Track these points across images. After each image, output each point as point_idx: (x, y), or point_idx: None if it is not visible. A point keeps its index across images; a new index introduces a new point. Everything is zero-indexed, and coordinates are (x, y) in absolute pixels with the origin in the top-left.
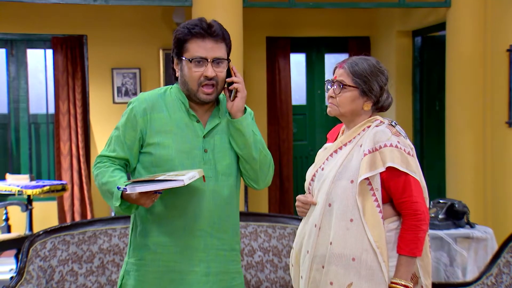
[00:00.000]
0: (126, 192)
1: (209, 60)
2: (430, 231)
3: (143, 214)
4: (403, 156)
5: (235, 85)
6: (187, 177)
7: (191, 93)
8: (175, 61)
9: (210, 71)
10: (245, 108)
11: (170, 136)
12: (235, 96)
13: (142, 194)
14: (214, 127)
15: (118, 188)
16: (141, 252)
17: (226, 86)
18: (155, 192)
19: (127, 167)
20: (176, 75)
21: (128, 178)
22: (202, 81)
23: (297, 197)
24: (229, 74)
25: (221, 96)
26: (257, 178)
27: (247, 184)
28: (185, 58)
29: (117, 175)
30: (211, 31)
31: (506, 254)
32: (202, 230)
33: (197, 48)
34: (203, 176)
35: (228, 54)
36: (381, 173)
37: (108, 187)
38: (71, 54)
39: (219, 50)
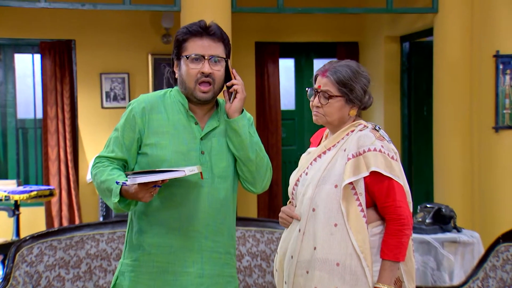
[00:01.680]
0: (127, 184)
1: (206, 57)
2: (418, 236)
3: (138, 215)
4: (387, 161)
5: (235, 86)
6: (187, 169)
7: (189, 92)
8: (175, 63)
9: (206, 67)
10: (243, 110)
11: (167, 137)
12: (234, 98)
13: (141, 187)
14: (212, 130)
15: (117, 182)
16: (136, 253)
17: (226, 88)
18: (154, 186)
19: (126, 168)
20: (176, 76)
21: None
22: (199, 78)
23: (282, 209)
24: (229, 77)
25: (221, 100)
26: (254, 180)
27: (245, 188)
28: (183, 56)
29: (116, 173)
30: (209, 30)
31: (492, 258)
32: (197, 231)
33: (195, 46)
34: (201, 173)
35: (227, 56)
36: (364, 178)
37: (107, 185)
38: (59, 59)
39: (216, 49)
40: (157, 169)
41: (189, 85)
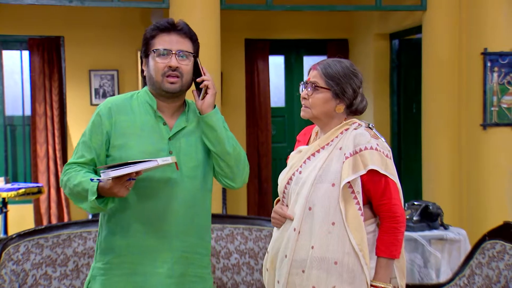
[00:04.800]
0: (100, 180)
1: (173, 51)
2: (405, 233)
3: (108, 218)
4: (383, 159)
5: (205, 82)
6: (160, 159)
7: (157, 86)
8: (144, 61)
9: (173, 61)
10: (215, 106)
11: (134, 138)
12: (205, 94)
13: (115, 181)
14: (180, 130)
15: (92, 179)
16: (107, 256)
17: (195, 86)
18: (129, 179)
19: (97, 173)
20: (144, 74)
21: None
22: (166, 71)
23: (274, 209)
24: (198, 73)
25: (190, 101)
26: (233, 175)
27: (224, 184)
28: (151, 51)
29: (89, 175)
30: (176, 25)
31: (479, 255)
32: (166, 231)
33: (162, 41)
34: (176, 163)
35: (196, 53)
36: (361, 176)
37: (82, 186)
38: (48, 55)
39: (184, 44)
40: (130, 161)
41: (156, 79)
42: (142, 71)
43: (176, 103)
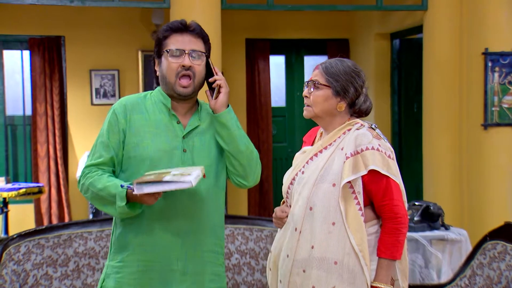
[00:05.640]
0: (134, 192)
1: (186, 51)
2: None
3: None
4: (384, 159)
5: (217, 82)
6: (194, 178)
7: (169, 87)
8: (156, 61)
9: (186, 60)
10: (228, 105)
11: (149, 137)
12: (218, 93)
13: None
14: (194, 129)
15: (122, 186)
16: (122, 254)
17: (208, 86)
18: None
19: (115, 173)
20: (157, 74)
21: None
22: (179, 71)
23: (275, 209)
24: (211, 73)
25: (202, 101)
26: (245, 173)
27: (236, 183)
28: (164, 51)
29: (114, 179)
30: (188, 26)
31: (480, 256)
32: (180, 229)
33: (175, 42)
34: (204, 173)
35: (208, 54)
36: (362, 176)
37: (108, 191)
38: (49, 55)
39: (196, 44)
40: (162, 177)
41: (169, 79)
42: (155, 71)
43: (189, 103)
